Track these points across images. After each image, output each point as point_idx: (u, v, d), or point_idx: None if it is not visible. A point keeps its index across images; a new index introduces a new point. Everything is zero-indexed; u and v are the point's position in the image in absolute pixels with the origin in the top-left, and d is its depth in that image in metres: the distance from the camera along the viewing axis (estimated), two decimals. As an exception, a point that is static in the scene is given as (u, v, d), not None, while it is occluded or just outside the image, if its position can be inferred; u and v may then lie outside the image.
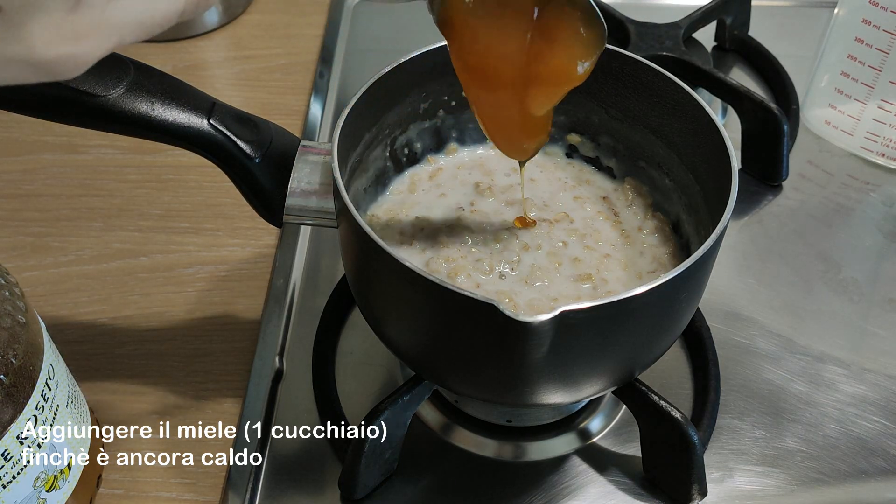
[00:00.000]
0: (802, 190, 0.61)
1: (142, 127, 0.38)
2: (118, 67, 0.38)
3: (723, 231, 0.35)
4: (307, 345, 0.50)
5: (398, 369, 0.49)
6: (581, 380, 0.37)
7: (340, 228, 0.39)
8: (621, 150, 0.47)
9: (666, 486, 0.44)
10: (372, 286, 0.39)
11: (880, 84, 0.59)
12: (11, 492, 0.36)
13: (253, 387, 0.48)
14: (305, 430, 0.46)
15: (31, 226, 0.58)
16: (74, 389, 0.41)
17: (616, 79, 0.44)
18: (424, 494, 0.44)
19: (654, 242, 0.45)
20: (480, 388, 0.39)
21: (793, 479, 0.45)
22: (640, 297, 0.32)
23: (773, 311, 0.53)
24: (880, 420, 0.47)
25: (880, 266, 0.57)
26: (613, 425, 0.47)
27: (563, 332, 0.32)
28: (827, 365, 0.50)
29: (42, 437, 0.37)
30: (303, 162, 0.41)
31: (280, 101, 0.69)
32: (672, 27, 0.67)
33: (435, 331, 0.37)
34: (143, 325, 0.52)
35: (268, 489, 0.44)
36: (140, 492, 0.44)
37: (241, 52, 0.75)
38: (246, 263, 0.56)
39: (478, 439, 0.46)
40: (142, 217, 0.59)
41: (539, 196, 0.47)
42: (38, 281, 0.54)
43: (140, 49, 0.74)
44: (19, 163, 0.63)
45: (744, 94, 0.60)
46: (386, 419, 0.40)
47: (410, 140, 0.48)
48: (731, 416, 0.47)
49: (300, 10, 0.79)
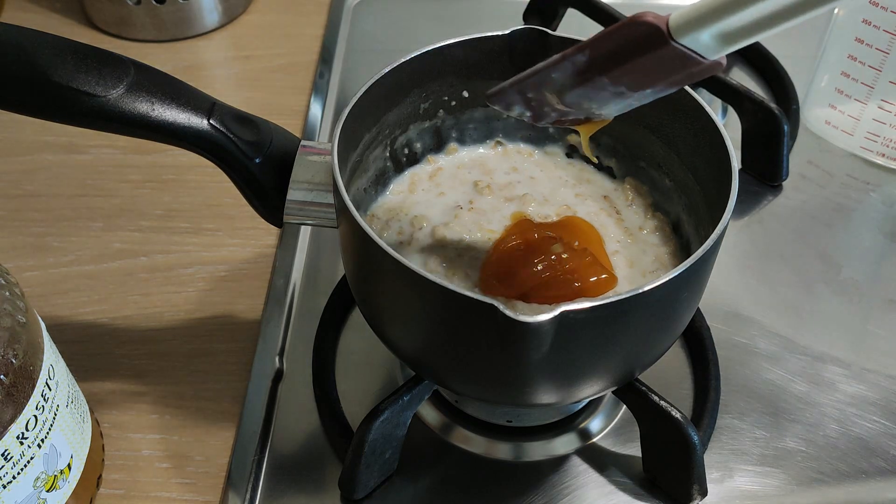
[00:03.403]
0: (802, 190, 0.61)
1: (142, 127, 0.38)
2: (118, 67, 0.38)
3: (723, 231, 0.35)
4: (307, 345, 0.50)
5: (398, 369, 0.49)
6: (581, 380, 0.37)
7: (340, 228, 0.39)
8: (621, 150, 0.47)
9: (666, 486, 0.44)
10: (372, 286, 0.39)
11: (880, 84, 0.59)
12: (11, 492, 0.36)
13: (253, 387, 0.48)
14: (305, 430, 0.46)
15: (31, 226, 0.58)
16: (74, 389, 0.41)
17: (616, 79, 0.44)
18: (424, 494, 0.44)
19: (654, 242, 0.45)
20: (481, 388, 0.39)
21: (793, 479, 0.45)
22: (640, 297, 0.32)
23: (773, 311, 0.53)
24: (880, 420, 0.47)
25: (880, 266, 0.57)
26: (613, 425, 0.47)
27: (563, 332, 0.32)
28: (827, 365, 0.50)
29: (42, 437, 0.37)
30: (303, 162, 0.41)
31: (280, 101, 0.69)
32: (672, 27, 0.67)
33: (435, 331, 0.37)
34: (143, 325, 0.52)
35: (268, 489, 0.44)
36: (140, 492, 0.44)
37: (241, 52, 0.75)
38: (246, 263, 0.56)
39: (478, 439, 0.46)
40: (142, 217, 0.59)
41: (539, 192, 0.47)
42: (38, 281, 0.54)
43: (140, 49, 0.74)
44: (19, 163, 0.63)
45: (744, 94, 0.60)
46: (386, 419, 0.40)
47: (410, 140, 0.48)
48: (731, 416, 0.47)
49: (300, 10, 0.79)
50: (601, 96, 0.34)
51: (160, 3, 0.73)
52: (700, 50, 0.29)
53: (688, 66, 0.30)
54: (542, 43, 0.44)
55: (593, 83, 0.33)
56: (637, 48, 0.30)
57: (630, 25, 0.30)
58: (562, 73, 0.34)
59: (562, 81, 0.34)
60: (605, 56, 0.32)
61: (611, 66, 0.32)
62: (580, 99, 0.35)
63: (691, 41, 0.29)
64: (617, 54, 0.31)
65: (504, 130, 0.49)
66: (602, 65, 0.32)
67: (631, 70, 0.31)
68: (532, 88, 0.36)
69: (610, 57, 0.32)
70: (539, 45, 0.45)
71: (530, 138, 0.49)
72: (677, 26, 0.29)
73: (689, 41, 0.29)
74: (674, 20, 0.29)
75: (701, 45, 0.29)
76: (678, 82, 0.32)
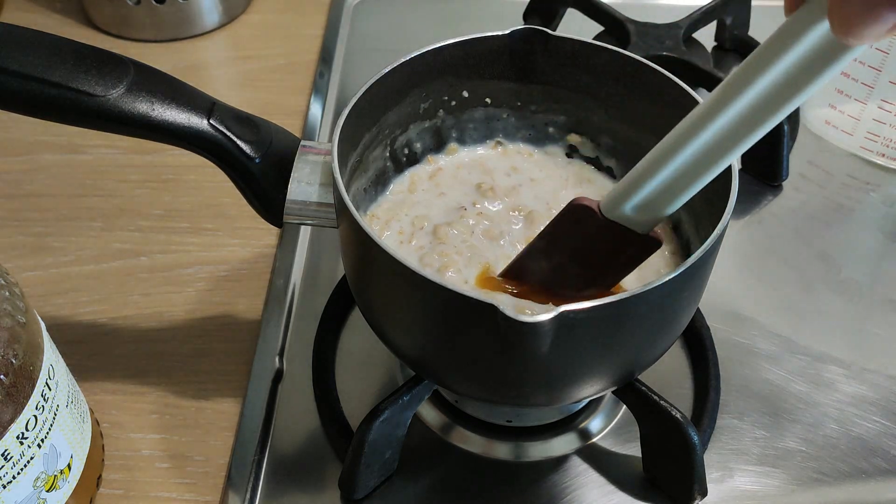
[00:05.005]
0: (802, 190, 0.61)
1: (142, 127, 0.38)
2: (118, 67, 0.38)
3: (723, 231, 0.35)
4: (307, 345, 0.50)
5: (398, 369, 0.49)
6: (581, 380, 0.37)
7: (340, 228, 0.39)
8: (621, 150, 0.47)
9: (666, 486, 0.44)
10: (372, 286, 0.39)
11: (880, 84, 0.59)
12: (11, 492, 0.36)
13: (253, 387, 0.48)
14: (305, 430, 0.46)
15: (31, 226, 0.58)
16: (74, 389, 0.41)
17: (616, 79, 0.44)
18: (424, 494, 0.44)
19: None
20: (480, 388, 0.39)
21: (793, 479, 0.45)
22: (640, 297, 0.32)
23: (773, 311, 0.53)
24: (880, 420, 0.47)
25: (880, 266, 0.57)
26: (613, 425, 0.47)
27: (563, 332, 0.32)
28: (827, 365, 0.50)
29: (42, 437, 0.37)
30: (303, 162, 0.41)
31: (280, 101, 0.69)
32: (672, 27, 0.67)
33: (435, 331, 0.37)
34: (143, 325, 0.52)
35: (268, 489, 0.44)
36: (140, 492, 0.44)
37: (241, 52, 0.75)
38: (246, 263, 0.56)
39: (478, 439, 0.46)
40: (142, 217, 0.59)
41: (542, 196, 0.47)
42: (38, 281, 0.54)
43: (140, 49, 0.74)
44: (19, 163, 0.63)
45: (744, 94, 0.60)
46: (386, 419, 0.40)
47: (410, 140, 0.48)
48: (731, 416, 0.47)
49: (300, 10, 0.79)
50: (570, 277, 0.39)
51: (160, 3, 0.73)
52: (631, 225, 0.35)
53: (629, 240, 0.35)
54: (542, 43, 0.45)
55: (557, 264, 0.38)
56: (578, 225, 0.36)
57: (569, 207, 0.37)
58: (534, 262, 0.39)
59: (538, 267, 0.39)
60: (555, 236, 0.38)
61: (562, 244, 0.38)
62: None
63: (619, 217, 0.35)
64: (564, 233, 0.37)
65: (504, 130, 0.49)
66: (556, 245, 0.38)
67: (582, 248, 0.37)
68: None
69: (561, 238, 0.38)
70: (539, 45, 0.45)
71: (530, 138, 0.49)
72: (605, 205, 0.35)
73: (617, 217, 0.35)
74: (603, 201, 0.35)
75: (627, 219, 0.35)
76: (631, 260, 0.37)
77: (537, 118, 0.48)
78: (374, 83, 0.42)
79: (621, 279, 0.39)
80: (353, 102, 0.40)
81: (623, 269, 0.38)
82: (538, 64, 0.46)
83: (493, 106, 0.48)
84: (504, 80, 0.47)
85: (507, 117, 0.49)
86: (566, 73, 0.46)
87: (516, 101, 0.48)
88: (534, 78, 0.46)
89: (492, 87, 0.47)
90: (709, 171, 0.32)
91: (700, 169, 0.32)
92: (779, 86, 0.28)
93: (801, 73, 0.28)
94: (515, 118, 0.49)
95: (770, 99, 0.29)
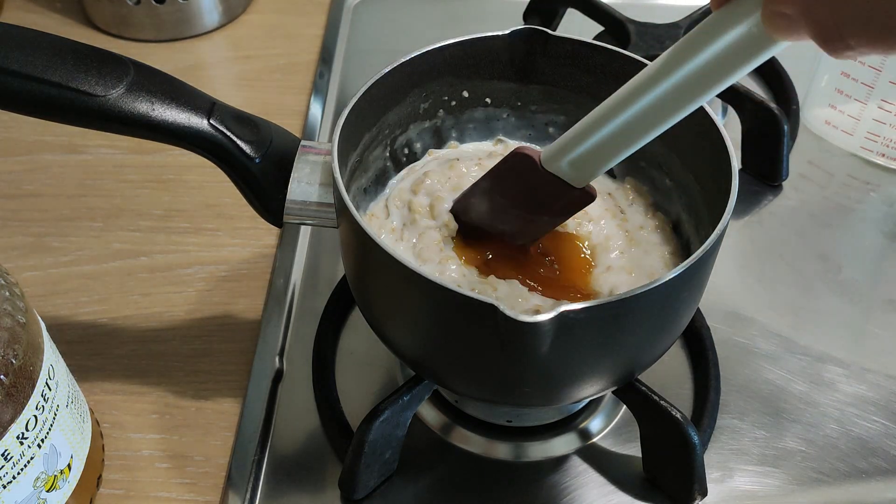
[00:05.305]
0: (802, 190, 0.61)
1: (142, 127, 0.38)
2: (118, 67, 0.38)
3: (723, 231, 0.35)
4: (307, 345, 0.50)
5: (398, 369, 0.49)
6: (581, 380, 0.37)
7: (340, 228, 0.39)
8: (621, 150, 0.47)
9: (666, 486, 0.44)
10: (372, 286, 0.39)
11: (880, 84, 0.59)
12: (11, 492, 0.36)
13: (253, 387, 0.48)
14: (305, 430, 0.46)
15: (31, 226, 0.58)
16: (74, 389, 0.41)
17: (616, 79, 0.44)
18: (424, 494, 0.44)
19: (655, 241, 0.45)
20: (480, 388, 0.39)
21: (793, 479, 0.45)
22: (640, 296, 0.32)
23: (773, 311, 0.53)
24: (880, 420, 0.47)
25: (880, 266, 0.57)
26: (613, 425, 0.47)
27: (562, 332, 0.32)
28: (827, 365, 0.50)
29: (42, 437, 0.37)
30: (303, 162, 0.41)
31: (280, 101, 0.69)
32: (672, 27, 0.67)
33: (435, 331, 0.37)
34: (143, 325, 0.52)
35: (268, 489, 0.44)
36: (140, 492, 0.44)
37: (241, 52, 0.75)
38: (246, 263, 0.56)
39: (478, 439, 0.46)
40: (142, 217, 0.59)
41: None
42: (38, 281, 0.54)
43: (140, 49, 0.74)
44: (19, 163, 0.63)
45: (744, 94, 0.60)
46: (386, 419, 0.40)
47: (410, 140, 0.48)
48: (731, 416, 0.47)
49: (300, 10, 0.79)
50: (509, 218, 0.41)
51: (160, 3, 0.73)
52: (567, 178, 0.37)
53: (564, 192, 0.38)
54: (542, 43, 0.45)
55: (498, 204, 0.41)
56: (519, 172, 0.39)
57: (513, 154, 0.39)
58: (478, 199, 0.42)
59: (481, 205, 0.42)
60: (498, 179, 0.41)
61: (504, 187, 0.40)
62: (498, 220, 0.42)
63: (556, 169, 0.37)
64: (506, 178, 0.40)
65: (504, 130, 0.49)
66: (498, 187, 0.41)
67: (522, 193, 0.39)
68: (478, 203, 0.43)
69: (504, 181, 0.40)
70: (539, 45, 0.45)
71: (530, 138, 0.49)
72: (545, 158, 0.38)
73: (554, 170, 0.37)
74: (543, 154, 0.38)
75: (565, 173, 0.37)
76: (566, 209, 0.40)
77: (537, 118, 0.48)
78: (374, 83, 0.42)
79: (555, 227, 0.42)
80: (353, 102, 0.40)
81: (557, 216, 0.41)
82: (538, 64, 0.46)
83: (493, 106, 0.48)
84: (504, 80, 0.47)
85: (507, 117, 0.49)
86: (566, 73, 0.46)
87: (516, 100, 0.48)
88: (534, 78, 0.46)
89: (492, 86, 0.47)
90: (639, 139, 0.35)
91: (630, 137, 0.35)
92: (705, 71, 0.31)
93: (724, 62, 0.30)
94: (515, 118, 0.49)
95: (695, 83, 0.31)
